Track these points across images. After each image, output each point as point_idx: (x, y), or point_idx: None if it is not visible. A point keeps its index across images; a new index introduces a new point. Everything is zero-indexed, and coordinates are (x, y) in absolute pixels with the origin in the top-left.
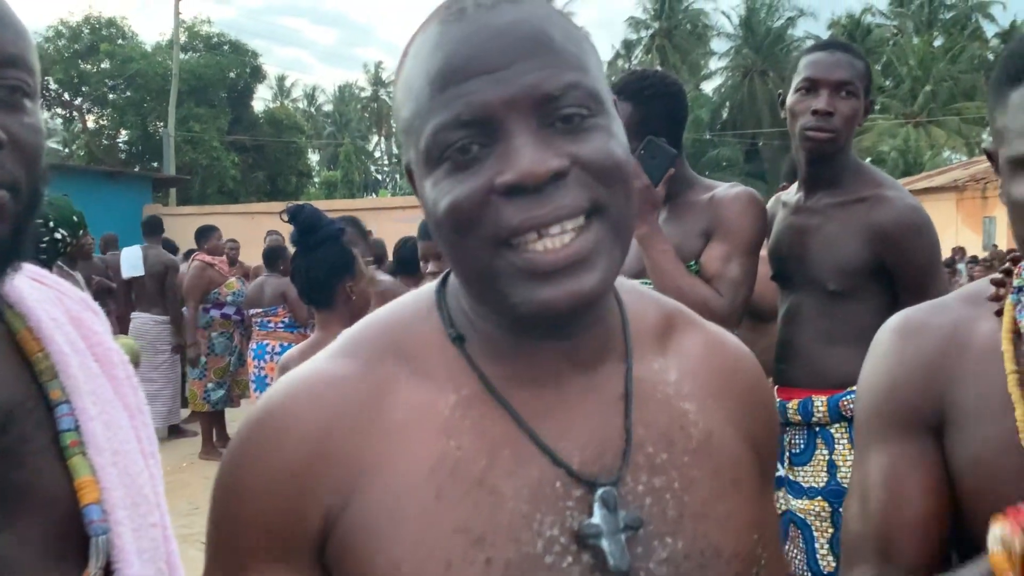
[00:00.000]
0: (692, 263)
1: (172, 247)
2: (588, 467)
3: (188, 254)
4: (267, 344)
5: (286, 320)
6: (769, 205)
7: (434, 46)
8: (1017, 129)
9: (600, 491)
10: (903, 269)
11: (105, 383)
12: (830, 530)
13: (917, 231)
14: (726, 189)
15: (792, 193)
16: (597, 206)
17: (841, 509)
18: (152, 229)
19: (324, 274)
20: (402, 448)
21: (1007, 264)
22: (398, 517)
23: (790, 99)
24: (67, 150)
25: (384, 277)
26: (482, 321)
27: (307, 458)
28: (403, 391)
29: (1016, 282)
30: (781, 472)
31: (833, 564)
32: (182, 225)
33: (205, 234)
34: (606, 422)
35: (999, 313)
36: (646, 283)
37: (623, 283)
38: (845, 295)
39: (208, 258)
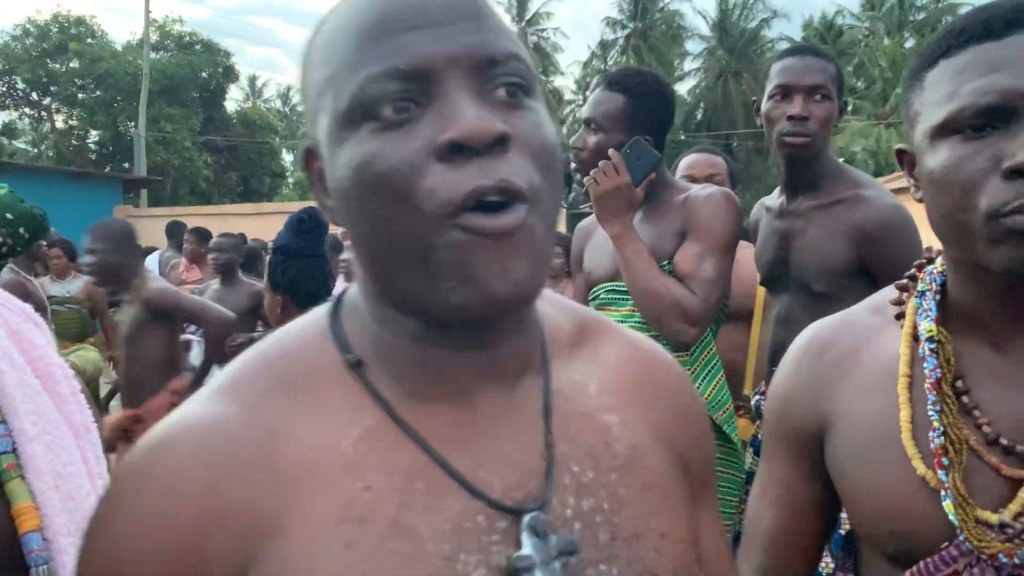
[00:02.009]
0: (666, 263)
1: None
2: (511, 494)
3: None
4: None
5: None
6: (754, 211)
7: (366, 0)
8: (934, 100)
9: (527, 517)
10: (885, 268)
11: (47, 401)
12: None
13: (898, 230)
14: (700, 190)
15: (774, 198)
16: (533, 193)
17: None
18: (173, 232)
19: (327, 276)
20: (303, 497)
21: (912, 270)
22: None
23: (765, 106)
24: (36, 151)
25: None
26: (388, 333)
27: (193, 525)
28: (298, 431)
29: (920, 286)
30: None
31: (832, 566)
32: (154, 227)
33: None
34: (527, 442)
35: (900, 316)
36: (620, 286)
37: None
38: (832, 296)
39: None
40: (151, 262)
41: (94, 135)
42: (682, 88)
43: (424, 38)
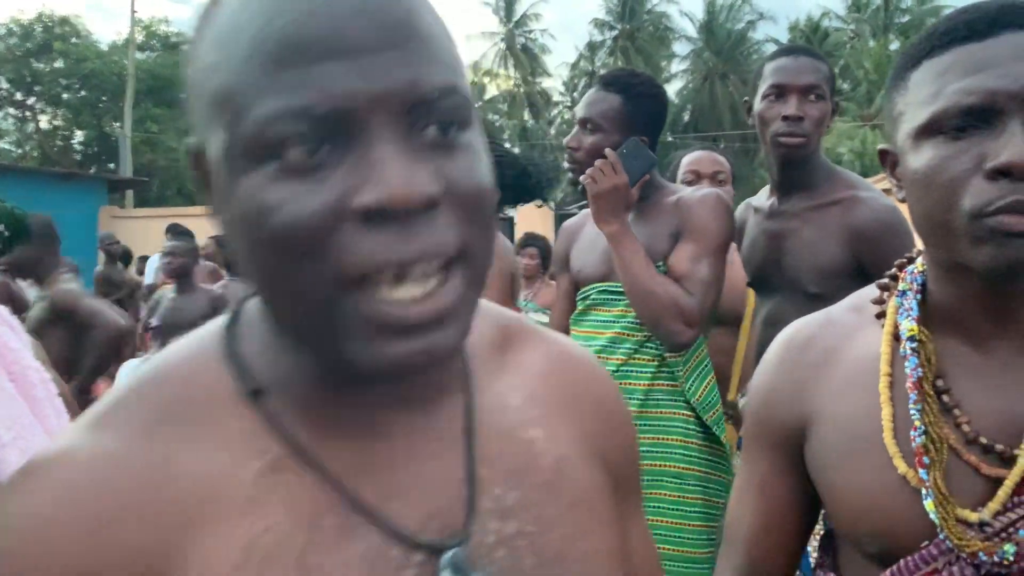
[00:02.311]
0: (660, 264)
1: (126, 254)
2: (428, 526)
3: (143, 259)
4: None
5: None
6: (738, 212)
7: (272, 4)
8: (917, 101)
9: (445, 556)
10: (880, 268)
11: (22, 405)
12: (821, 531)
13: (894, 231)
14: (693, 191)
15: (763, 198)
16: (463, 250)
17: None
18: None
19: None
20: (198, 540)
21: (893, 270)
22: None
23: (758, 106)
24: (20, 151)
25: None
26: (290, 360)
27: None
28: (190, 467)
29: (901, 286)
30: None
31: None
32: (140, 228)
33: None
34: (446, 468)
35: (881, 316)
36: (613, 286)
37: None
38: (825, 296)
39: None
40: (151, 264)
41: (79, 135)
42: (670, 90)
43: (344, 72)
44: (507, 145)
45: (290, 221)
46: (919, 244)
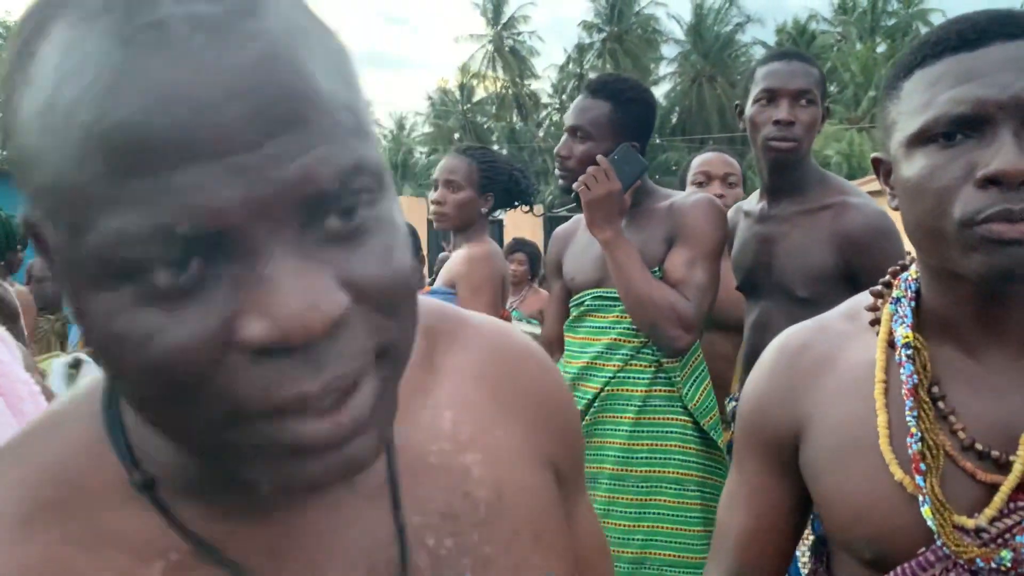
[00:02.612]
0: (655, 269)
1: None
2: None
3: None
4: None
5: None
6: (729, 215)
7: (109, 82)
8: (909, 110)
9: None
10: (870, 274)
11: (10, 419)
12: (810, 536)
13: (885, 236)
14: (685, 196)
15: (753, 202)
16: (382, 350)
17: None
18: None
19: None
20: None
21: (887, 277)
22: None
23: (750, 110)
24: (4, 153)
25: None
26: (187, 457)
27: None
28: (83, 570)
29: (895, 293)
30: None
31: None
32: None
33: None
34: (370, 528)
35: (875, 323)
36: (608, 292)
37: None
38: (814, 301)
39: None
40: None
41: None
42: (657, 92)
43: (212, 178)
44: (495, 148)
45: (162, 357)
46: (909, 250)
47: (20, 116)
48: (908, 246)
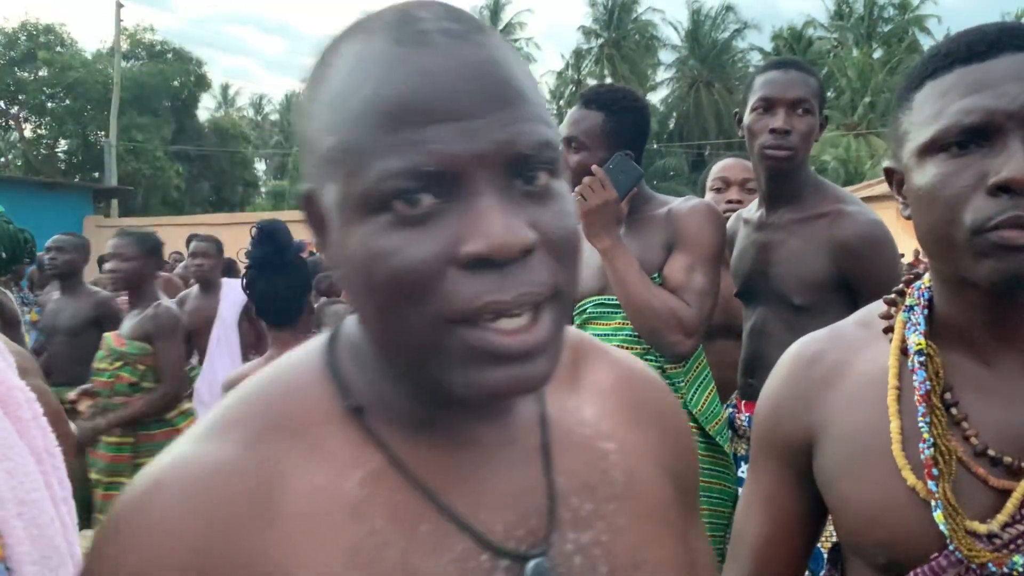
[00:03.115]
0: (655, 276)
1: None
2: (513, 534)
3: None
4: None
5: None
6: (730, 223)
7: (385, 69)
8: (921, 120)
9: (530, 565)
10: (865, 282)
11: (8, 426)
12: (833, 538)
13: (879, 245)
14: (683, 202)
15: (752, 210)
16: (555, 290)
17: None
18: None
19: (296, 292)
20: (308, 544)
21: (900, 285)
22: None
23: (747, 118)
24: (3, 160)
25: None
26: (390, 389)
27: (190, 574)
28: (298, 474)
29: (908, 301)
30: None
31: None
32: None
33: None
34: (526, 478)
35: (888, 330)
36: (609, 299)
37: None
38: (810, 309)
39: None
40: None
41: (63, 144)
42: (655, 97)
43: (450, 134)
44: None
45: (402, 267)
46: (906, 258)
47: (313, 107)
48: (904, 252)
